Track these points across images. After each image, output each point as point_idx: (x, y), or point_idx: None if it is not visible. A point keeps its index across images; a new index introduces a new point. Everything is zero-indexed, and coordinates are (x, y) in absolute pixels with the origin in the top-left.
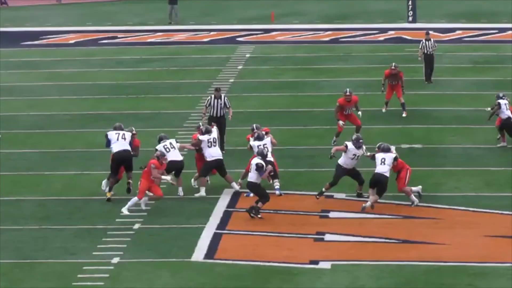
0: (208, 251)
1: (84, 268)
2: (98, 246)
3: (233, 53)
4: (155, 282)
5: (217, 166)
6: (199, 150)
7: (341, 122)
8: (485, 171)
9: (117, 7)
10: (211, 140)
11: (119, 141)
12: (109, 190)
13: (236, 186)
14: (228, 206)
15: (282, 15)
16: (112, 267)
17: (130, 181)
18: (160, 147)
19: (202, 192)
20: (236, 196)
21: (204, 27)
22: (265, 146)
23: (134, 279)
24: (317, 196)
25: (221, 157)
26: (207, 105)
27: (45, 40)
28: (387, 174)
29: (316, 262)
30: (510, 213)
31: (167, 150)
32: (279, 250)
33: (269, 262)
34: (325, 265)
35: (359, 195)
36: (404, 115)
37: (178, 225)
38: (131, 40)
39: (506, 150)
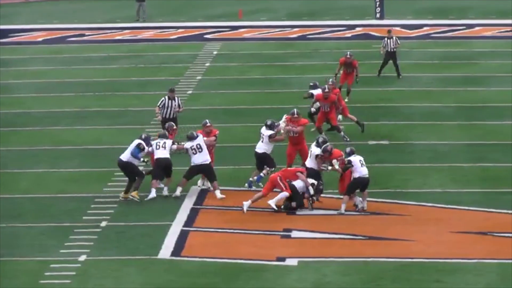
0: (175, 248)
1: (51, 266)
2: (65, 244)
3: (200, 50)
4: (122, 279)
5: (202, 172)
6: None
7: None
8: (452, 167)
9: (84, 5)
10: (195, 147)
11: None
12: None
13: (219, 195)
14: (195, 204)
15: (249, 12)
16: (79, 265)
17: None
18: (153, 143)
19: (177, 192)
20: (203, 193)
21: (171, 24)
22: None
23: (101, 276)
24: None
25: (206, 163)
26: (161, 106)
27: (13, 38)
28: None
29: (283, 259)
30: (477, 209)
31: (158, 147)
32: (246, 247)
33: (236, 259)
34: (292, 262)
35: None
36: (346, 100)
37: (145, 223)
38: (98, 38)
39: (472, 146)
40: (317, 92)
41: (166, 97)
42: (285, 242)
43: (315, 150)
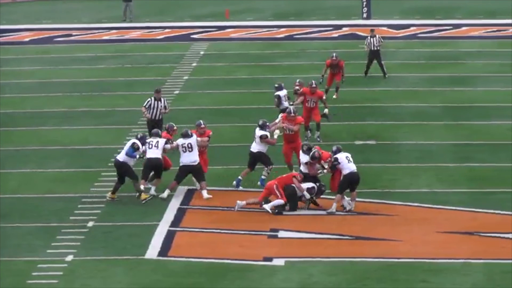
0: (162, 249)
1: (39, 266)
2: (52, 244)
3: (187, 50)
4: (109, 279)
5: (191, 172)
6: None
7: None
8: (438, 167)
9: (71, 5)
10: (186, 145)
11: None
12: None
13: (206, 195)
14: (182, 204)
15: (236, 12)
16: (66, 265)
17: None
18: (147, 141)
19: (165, 194)
20: (190, 193)
21: (158, 24)
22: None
23: (88, 276)
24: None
25: (195, 164)
26: (147, 106)
27: (0, 38)
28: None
29: (270, 259)
30: (464, 209)
31: (150, 146)
32: (233, 247)
33: (222, 259)
34: (278, 262)
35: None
36: (334, 96)
37: (132, 223)
38: (85, 38)
39: (459, 146)
40: (283, 93)
41: (152, 97)
42: (272, 242)
43: (303, 158)
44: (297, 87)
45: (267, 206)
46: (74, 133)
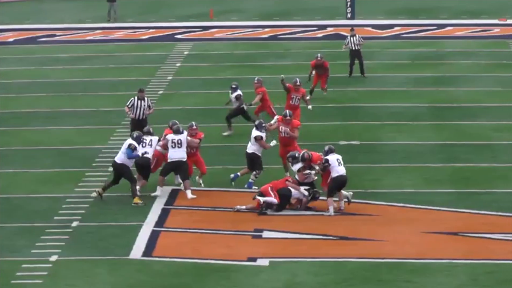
0: (146, 249)
1: (23, 266)
2: (37, 244)
3: (171, 51)
4: (93, 279)
5: (176, 168)
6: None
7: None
8: (423, 168)
9: (55, 5)
10: (176, 141)
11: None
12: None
13: (190, 195)
14: (166, 204)
15: (221, 12)
16: (50, 265)
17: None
18: (144, 138)
19: (158, 191)
20: (174, 194)
21: (142, 24)
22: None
23: (72, 276)
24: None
25: (182, 160)
26: (130, 106)
27: None
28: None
29: (254, 259)
30: (449, 209)
31: (143, 145)
32: (217, 248)
33: (207, 259)
34: (263, 262)
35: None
36: (325, 93)
37: (116, 223)
38: (69, 38)
39: (444, 146)
40: (239, 92)
41: (136, 97)
42: (256, 242)
43: (294, 167)
44: (256, 84)
45: (260, 198)
46: (58, 133)
